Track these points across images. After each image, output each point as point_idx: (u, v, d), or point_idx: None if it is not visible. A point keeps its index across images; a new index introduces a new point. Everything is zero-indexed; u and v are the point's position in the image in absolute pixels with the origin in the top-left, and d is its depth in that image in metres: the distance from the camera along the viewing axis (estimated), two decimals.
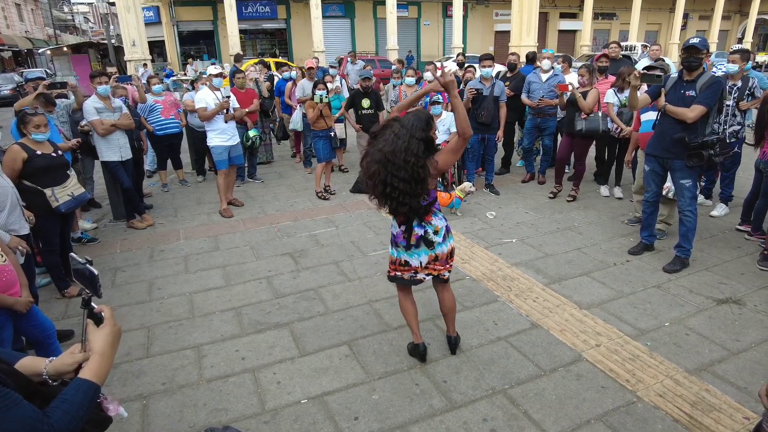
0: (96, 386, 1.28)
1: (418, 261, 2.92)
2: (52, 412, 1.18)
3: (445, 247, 2.92)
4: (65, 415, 1.19)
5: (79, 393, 1.24)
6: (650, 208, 4.64)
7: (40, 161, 3.93)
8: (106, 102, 5.34)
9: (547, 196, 6.43)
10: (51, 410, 1.19)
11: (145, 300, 4.11)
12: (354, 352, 3.32)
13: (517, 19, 26.56)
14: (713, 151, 4.04)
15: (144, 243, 5.31)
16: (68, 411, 1.20)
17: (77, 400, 1.23)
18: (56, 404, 1.21)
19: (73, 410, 1.21)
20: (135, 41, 21.37)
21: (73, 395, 1.24)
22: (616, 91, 5.86)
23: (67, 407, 1.21)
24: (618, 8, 34.14)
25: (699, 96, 3.98)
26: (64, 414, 1.19)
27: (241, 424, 2.71)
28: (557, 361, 3.18)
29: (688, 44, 4.02)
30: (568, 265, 4.52)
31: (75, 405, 1.22)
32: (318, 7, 23.15)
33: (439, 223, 2.89)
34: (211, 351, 3.37)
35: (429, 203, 2.81)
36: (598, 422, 2.66)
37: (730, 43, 35.88)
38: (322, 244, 5.15)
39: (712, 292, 3.99)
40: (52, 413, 1.18)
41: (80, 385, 1.26)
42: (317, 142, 6.47)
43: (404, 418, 2.72)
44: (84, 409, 1.24)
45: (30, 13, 39.43)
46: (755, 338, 3.38)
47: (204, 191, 7.16)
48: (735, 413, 2.69)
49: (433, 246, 2.88)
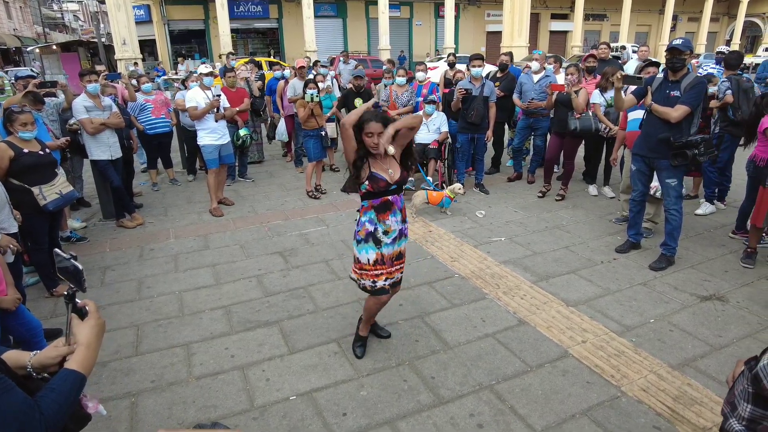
0: (82, 376, 1.29)
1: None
2: (41, 401, 1.20)
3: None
4: (53, 404, 1.21)
5: (66, 383, 1.26)
6: (637, 207, 4.70)
7: (27, 159, 3.91)
8: (96, 100, 5.32)
9: (536, 196, 6.49)
10: (40, 398, 1.21)
11: (135, 298, 4.10)
12: (343, 349, 3.35)
13: (509, 20, 26.72)
14: (698, 151, 4.10)
15: (133, 242, 5.29)
16: (56, 400, 1.22)
17: (65, 389, 1.25)
18: (44, 393, 1.23)
19: (61, 399, 1.23)
20: (125, 40, 21.24)
21: (61, 385, 1.26)
22: (601, 91, 5.93)
23: (55, 396, 1.23)
24: (608, 9, 34.42)
25: (683, 96, 4.04)
26: (53, 402, 1.21)
27: (230, 420, 2.72)
28: (544, 357, 3.22)
29: (670, 46, 4.10)
30: (555, 263, 4.57)
31: (63, 394, 1.24)
32: (310, 7, 23.13)
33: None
34: (200, 349, 3.38)
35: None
36: (583, 417, 2.71)
37: (718, 44, 36.29)
38: (312, 242, 5.16)
39: (696, 289, 4.06)
40: (42, 401, 1.20)
41: (67, 376, 1.28)
42: (308, 142, 6.47)
43: (392, 414, 2.75)
44: (72, 398, 1.26)
45: (19, 10, 38.99)
46: (737, 334, 3.44)
47: (194, 190, 7.15)
48: (716, 407, 2.74)
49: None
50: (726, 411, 1.71)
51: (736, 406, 1.66)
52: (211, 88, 5.93)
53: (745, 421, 1.62)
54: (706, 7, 33.88)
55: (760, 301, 3.87)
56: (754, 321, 3.60)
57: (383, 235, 2.90)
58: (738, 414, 1.64)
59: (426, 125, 6.16)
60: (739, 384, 1.67)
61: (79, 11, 55.64)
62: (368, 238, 2.90)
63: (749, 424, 1.61)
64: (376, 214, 2.88)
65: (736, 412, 1.66)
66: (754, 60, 24.47)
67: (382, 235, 2.89)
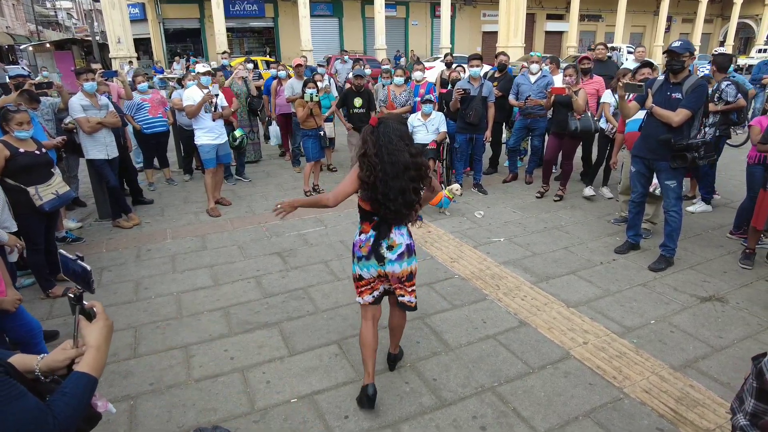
0: (94, 379, 1.29)
1: (368, 274, 2.72)
2: (53, 405, 1.20)
3: (398, 267, 2.66)
4: (67, 407, 1.20)
5: (78, 386, 1.25)
6: (636, 208, 4.70)
7: (23, 159, 3.86)
8: (93, 99, 5.26)
9: (534, 196, 6.48)
10: (52, 402, 1.20)
11: (132, 300, 4.06)
12: (344, 351, 3.32)
13: (505, 20, 26.75)
14: (698, 154, 4.11)
15: (130, 242, 5.24)
16: (69, 403, 1.21)
17: (77, 392, 1.24)
18: (57, 397, 1.22)
19: (74, 402, 1.22)
20: (120, 38, 21.08)
21: (73, 388, 1.25)
22: (613, 92, 5.92)
23: (68, 399, 1.22)
24: (604, 10, 34.54)
25: (684, 99, 4.04)
26: (66, 406, 1.20)
27: (231, 423, 2.69)
28: (545, 358, 3.21)
29: (669, 48, 4.11)
30: (555, 264, 4.56)
31: (75, 397, 1.23)
32: (306, 6, 23.04)
33: (397, 239, 2.64)
34: (199, 351, 3.34)
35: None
36: (586, 418, 2.70)
37: (712, 45, 36.54)
38: (311, 243, 5.13)
39: (695, 290, 4.06)
40: (54, 405, 1.19)
41: (79, 378, 1.27)
42: (306, 141, 6.44)
43: (394, 417, 2.73)
44: (85, 401, 1.26)
45: (11, 8, 38.64)
46: (737, 335, 3.45)
47: (191, 190, 7.10)
48: (718, 408, 2.74)
49: (383, 262, 2.64)
50: (734, 406, 1.74)
51: (743, 401, 1.68)
52: (209, 87, 5.89)
53: (749, 416, 1.63)
54: (700, 9, 34.07)
55: (759, 301, 3.88)
56: (754, 322, 3.60)
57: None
58: (744, 409, 1.66)
59: (425, 125, 6.15)
60: (748, 380, 1.69)
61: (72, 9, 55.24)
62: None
63: (752, 418, 1.63)
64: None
65: (742, 407, 1.67)
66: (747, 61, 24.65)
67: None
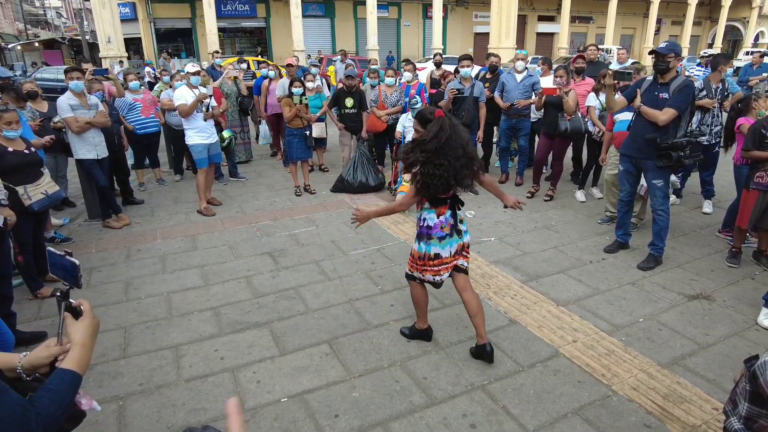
0: (79, 376, 1.28)
1: (449, 251, 3.06)
2: (37, 401, 1.19)
3: (468, 237, 3.17)
4: (51, 404, 1.19)
5: (63, 382, 1.25)
6: (624, 207, 4.75)
7: (12, 159, 3.83)
8: (82, 99, 5.22)
9: (524, 196, 6.52)
10: (36, 399, 1.19)
11: (122, 300, 4.04)
12: (334, 350, 3.33)
13: (496, 21, 26.90)
14: (683, 153, 4.16)
15: (120, 243, 5.21)
16: (53, 399, 1.21)
17: (62, 389, 1.23)
18: (41, 393, 1.21)
19: (58, 399, 1.21)
20: (110, 38, 20.90)
21: (58, 384, 1.24)
22: (596, 95, 5.98)
23: (53, 396, 1.21)
24: (594, 12, 34.82)
25: (671, 99, 4.10)
26: (50, 402, 1.20)
27: (221, 423, 2.67)
28: (535, 356, 3.23)
29: (654, 50, 4.19)
30: (545, 263, 4.60)
31: (60, 394, 1.22)
32: (298, 6, 23.02)
33: (461, 214, 3.15)
34: (189, 351, 3.33)
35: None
36: (575, 416, 2.72)
37: (701, 48, 36.93)
38: (302, 243, 5.13)
39: (683, 289, 4.11)
40: (37, 401, 1.19)
41: (64, 375, 1.26)
42: (291, 140, 6.42)
43: (385, 415, 2.74)
44: (69, 398, 1.24)
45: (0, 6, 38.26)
46: (724, 332, 3.49)
47: (181, 190, 7.06)
48: (704, 404, 2.78)
49: (461, 234, 3.10)
50: (728, 409, 1.73)
51: (737, 405, 1.68)
52: (199, 87, 5.87)
53: (743, 419, 1.63)
54: (689, 11, 34.45)
55: (745, 299, 3.93)
56: (740, 319, 3.65)
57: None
58: (738, 412, 1.66)
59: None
60: (740, 382, 1.69)
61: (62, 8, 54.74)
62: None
63: (746, 422, 1.63)
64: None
65: (736, 411, 1.67)
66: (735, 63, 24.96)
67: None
